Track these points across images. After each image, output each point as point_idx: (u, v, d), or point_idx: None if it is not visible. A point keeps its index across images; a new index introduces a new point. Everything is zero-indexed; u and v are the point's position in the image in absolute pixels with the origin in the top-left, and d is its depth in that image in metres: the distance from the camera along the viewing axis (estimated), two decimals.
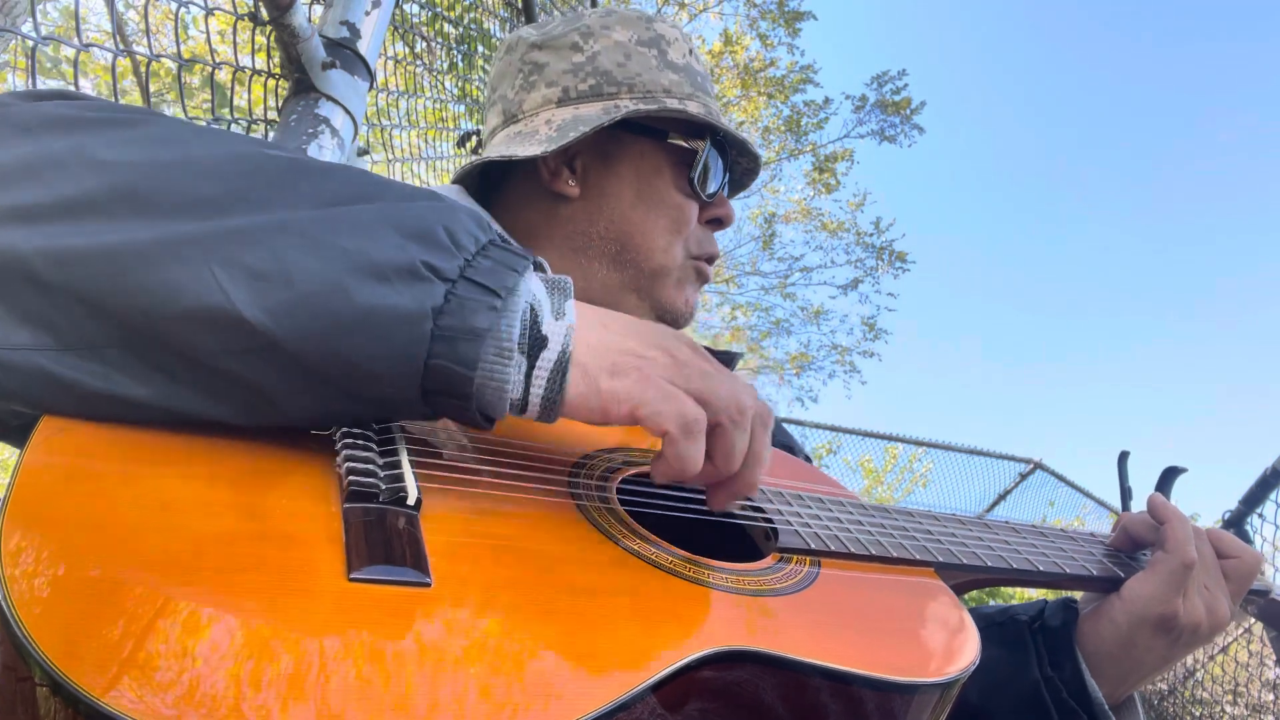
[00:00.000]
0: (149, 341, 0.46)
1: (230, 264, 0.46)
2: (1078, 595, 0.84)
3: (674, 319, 0.92)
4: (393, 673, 0.36)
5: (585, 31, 0.93)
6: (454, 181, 0.96)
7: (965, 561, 0.67)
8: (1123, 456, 0.92)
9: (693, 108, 0.88)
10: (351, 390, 0.49)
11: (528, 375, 0.51)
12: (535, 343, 0.51)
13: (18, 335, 0.46)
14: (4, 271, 0.45)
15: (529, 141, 0.87)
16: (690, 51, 0.94)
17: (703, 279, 0.94)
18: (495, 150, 0.91)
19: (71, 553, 0.37)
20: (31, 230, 0.46)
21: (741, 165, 0.97)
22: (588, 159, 0.90)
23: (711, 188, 0.91)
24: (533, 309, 0.52)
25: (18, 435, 0.49)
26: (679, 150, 0.89)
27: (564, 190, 0.90)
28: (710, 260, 0.94)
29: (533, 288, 0.53)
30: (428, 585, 0.42)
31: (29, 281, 0.45)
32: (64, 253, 0.45)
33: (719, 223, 0.94)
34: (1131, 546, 0.83)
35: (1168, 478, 0.89)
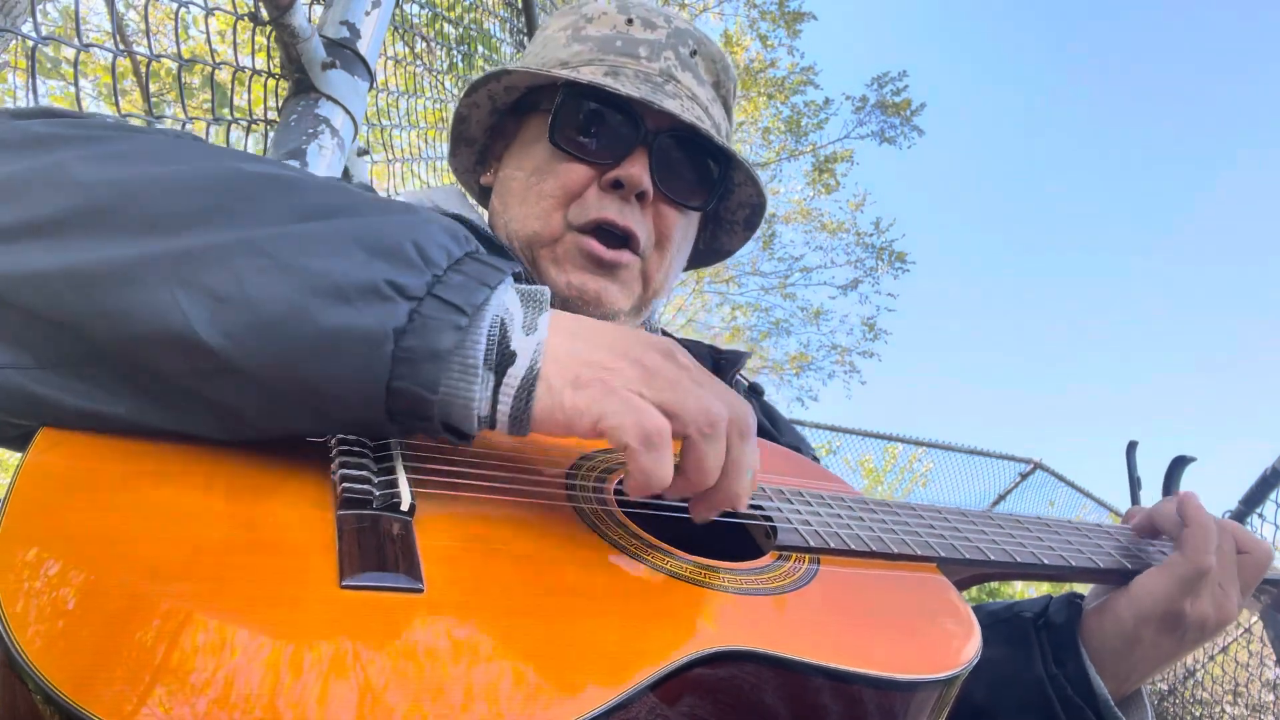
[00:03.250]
0: (120, 360, 0.46)
1: (191, 286, 0.45)
2: (1083, 590, 0.84)
3: (560, 302, 0.82)
4: (381, 680, 0.36)
5: (535, 37, 0.97)
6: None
7: (969, 556, 0.67)
8: (1131, 446, 0.91)
9: (585, 73, 0.83)
10: (317, 410, 0.48)
11: (495, 390, 0.50)
12: (503, 359, 0.50)
13: None
14: None
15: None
16: (630, 21, 0.89)
17: (592, 260, 0.82)
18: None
19: (65, 563, 0.37)
20: (3, 251, 0.46)
21: (695, 133, 0.84)
22: (503, 149, 0.94)
23: (610, 150, 0.83)
24: (503, 324, 0.51)
25: (19, 443, 0.49)
26: (550, 114, 0.84)
27: (486, 182, 0.95)
28: (607, 226, 0.82)
29: (506, 301, 0.52)
30: (420, 591, 0.42)
31: (2, 302, 0.46)
32: (33, 274, 0.45)
33: (619, 185, 0.82)
34: (1153, 534, 0.82)
35: (1177, 467, 0.88)
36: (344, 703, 0.34)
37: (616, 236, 0.83)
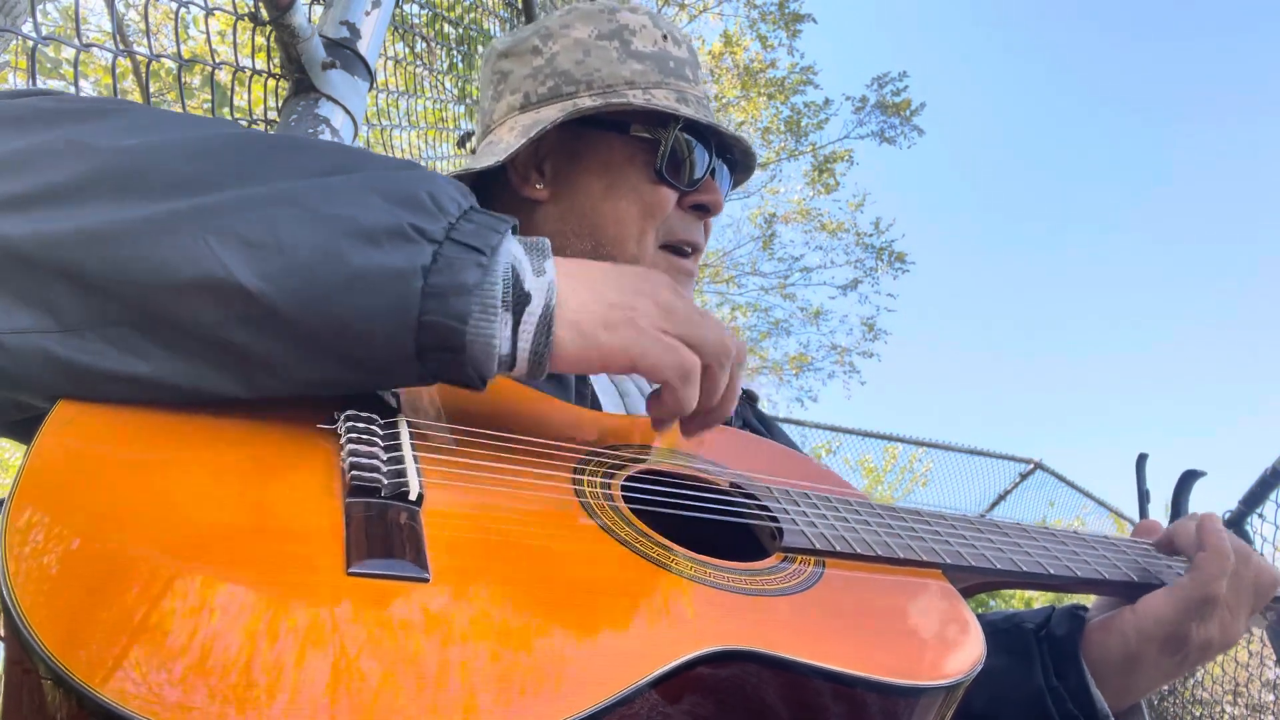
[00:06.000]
0: (149, 317, 0.47)
1: (224, 235, 0.47)
2: (1086, 602, 0.84)
3: None
4: (389, 668, 0.36)
5: (545, 33, 0.93)
6: None
7: (973, 563, 0.66)
8: (1141, 459, 0.92)
9: (659, 96, 0.87)
10: (349, 353, 0.50)
11: (514, 330, 0.53)
12: (519, 299, 0.53)
13: (19, 319, 0.46)
14: (1, 258, 0.46)
15: (493, 151, 0.89)
16: (665, 37, 0.93)
17: (680, 272, 0.91)
18: (466, 164, 0.92)
19: (74, 545, 0.37)
20: (23, 217, 0.47)
21: (736, 148, 0.95)
22: (556, 161, 0.91)
23: (691, 174, 0.89)
24: (514, 268, 0.53)
25: (21, 430, 0.49)
26: (645, 140, 0.88)
27: (533, 194, 0.91)
28: (688, 246, 0.91)
29: (512, 249, 0.54)
30: (426, 580, 0.42)
31: (25, 266, 0.46)
32: (57, 235, 0.46)
33: (705, 210, 0.91)
34: (1171, 551, 0.82)
35: (1186, 482, 0.88)
36: (347, 685, 0.34)
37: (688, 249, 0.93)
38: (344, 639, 0.37)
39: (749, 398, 1.05)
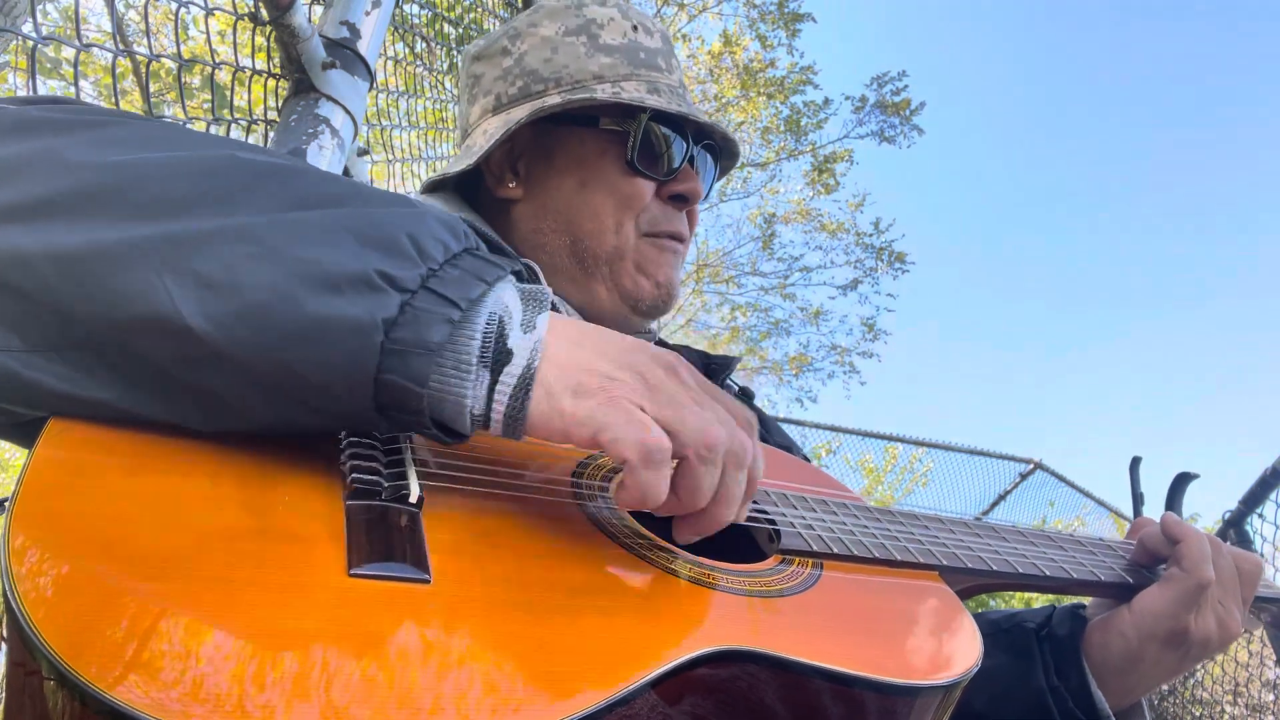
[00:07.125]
0: (108, 345, 0.46)
1: (180, 271, 0.45)
2: (1086, 601, 0.84)
3: (645, 304, 0.89)
4: (392, 667, 0.36)
5: (514, 34, 0.93)
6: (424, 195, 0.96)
7: (970, 565, 0.67)
8: (1135, 462, 0.92)
9: (629, 88, 0.86)
10: (305, 401, 0.47)
11: (490, 389, 0.49)
12: (499, 356, 0.49)
13: None
14: None
15: (468, 155, 0.89)
16: (635, 27, 0.92)
17: (665, 251, 0.90)
18: (442, 170, 0.93)
19: (77, 548, 0.37)
20: None
21: (715, 134, 0.93)
22: (530, 160, 0.91)
23: (668, 164, 0.88)
24: (501, 321, 0.49)
25: (18, 434, 0.49)
26: (615, 133, 0.87)
27: (509, 194, 0.91)
28: (672, 237, 0.90)
29: (504, 298, 0.51)
30: (427, 582, 0.42)
31: None
32: (23, 254, 0.45)
33: (683, 199, 0.90)
34: (1150, 561, 0.82)
35: (1179, 484, 0.89)
36: (351, 685, 0.35)
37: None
38: (350, 639, 0.37)
39: (745, 394, 1.04)
